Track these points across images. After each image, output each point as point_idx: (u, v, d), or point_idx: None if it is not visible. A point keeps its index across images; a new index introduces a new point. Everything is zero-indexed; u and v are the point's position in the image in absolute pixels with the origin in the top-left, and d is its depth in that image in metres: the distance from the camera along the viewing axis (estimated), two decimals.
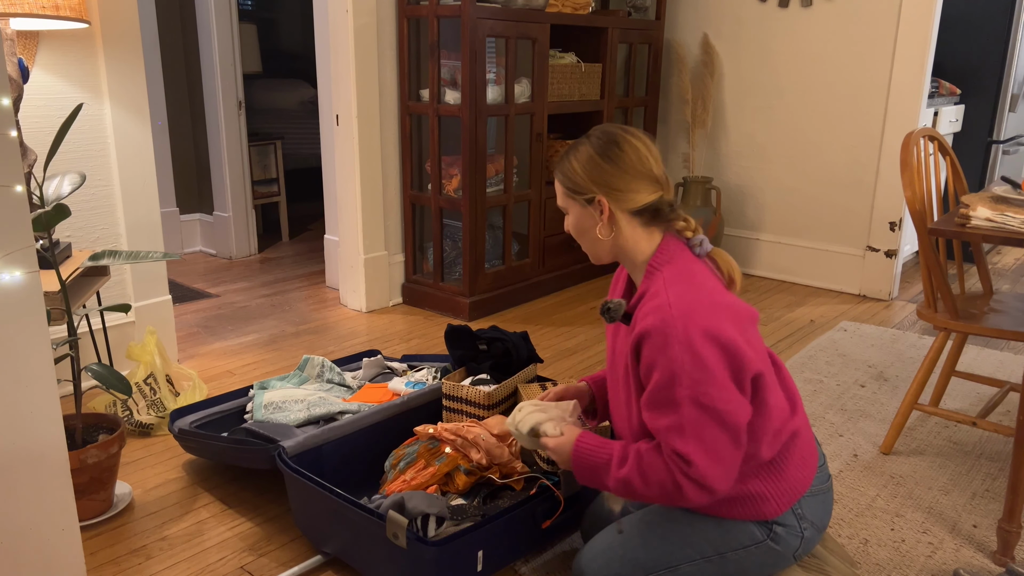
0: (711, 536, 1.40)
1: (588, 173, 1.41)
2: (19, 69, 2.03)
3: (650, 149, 1.42)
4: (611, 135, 1.42)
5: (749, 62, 3.91)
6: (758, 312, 1.43)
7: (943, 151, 2.26)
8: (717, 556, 1.40)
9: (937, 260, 2.02)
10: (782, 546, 1.40)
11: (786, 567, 1.45)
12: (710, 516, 1.41)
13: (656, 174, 1.41)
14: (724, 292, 1.37)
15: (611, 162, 1.40)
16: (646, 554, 1.42)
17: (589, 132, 1.46)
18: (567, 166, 1.44)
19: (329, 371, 2.37)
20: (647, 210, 1.41)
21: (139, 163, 2.57)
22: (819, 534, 1.44)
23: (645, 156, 1.41)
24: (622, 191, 1.40)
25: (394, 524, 1.50)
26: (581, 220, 1.45)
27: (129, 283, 2.63)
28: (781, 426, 1.39)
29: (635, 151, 1.41)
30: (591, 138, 1.43)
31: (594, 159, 1.41)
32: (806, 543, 1.41)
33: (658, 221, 1.42)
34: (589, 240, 1.46)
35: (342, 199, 3.36)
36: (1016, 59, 4.03)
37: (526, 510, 1.66)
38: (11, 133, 1.26)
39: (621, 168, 1.39)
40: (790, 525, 1.40)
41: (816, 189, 3.82)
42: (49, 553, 1.42)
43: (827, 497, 1.46)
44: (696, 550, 1.40)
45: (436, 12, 3.07)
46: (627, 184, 1.40)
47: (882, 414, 2.48)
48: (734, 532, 1.39)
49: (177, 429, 2.07)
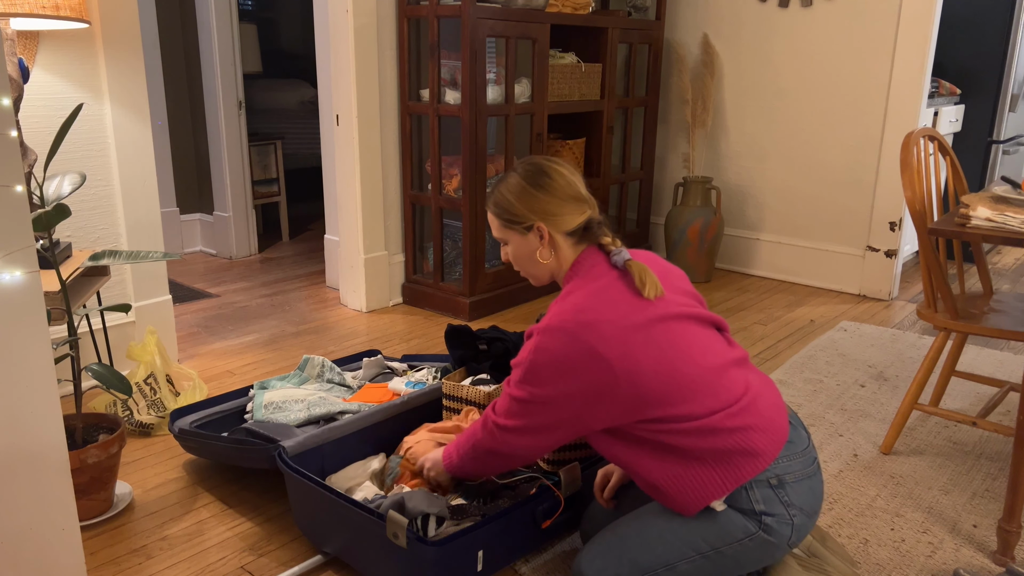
0: (706, 533, 1.42)
1: (523, 203, 1.53)
2: (19, 69, 2.03)
3: (574, 174, 1.56)
4: (537, 165, 1.56)
5: (749, 62, 3.91)
6: (681, 303, 1.47)
7: (943, 151, 2.26)
8: (713, 552, 1.42)
9: (937, 260, 2.02)
10: (775, 536, 1.40)
11: (782, 556, 1.45)
12: (701, 515, 1.42)
13: (583, 195, 1.55)
14: (620, 303, 1.43)
15: (542, 190, 1.52)
16: (644, 554, 1.44)
17: (514, 166, 1.59)
18: (502, 199, 1.56)
19: (329, 371, 2.37)
20: (579, 230, 1.53)
21: (139, 163, 2.57)
22: (810, 519, 1.44)
23: (571, 181, 1.55)
24: (557, 215, 1.52)
25: (394, 524, 1.51)
26: (521, 248, 1.57)
27: (129, 283, 2.63)
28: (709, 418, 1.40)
29: (562, 177, 1.54)
30: (519, 170, 1.57)
31: (527, 189, 1.53)
32: (798, 530, 1.42)
33: (588, 238, 1.54)
34: (531, 265, 1.58)
35: (342, 199, 3.36)
36: (1016, 59, 4.03)
37: (526, 510, 1.66)
38: (11, 133, 1.26)
39: (552, 194, 1.52)
40: (779, 514, 1.40)
41: (816, 189, 3.82)
42: (49, 553, 1.42)
43: (814, 482, 1.45)
44: (692, 547, 1.42)
45: (436, 12, 3.07)
46: (560, 208, 1.52)
47: (882, 414, 2.48)
48: (727, 527, 1.41)
49: (177, 429, 2.07)
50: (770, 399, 1.47)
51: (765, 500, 1.40)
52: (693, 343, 1.44)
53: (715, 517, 1.41)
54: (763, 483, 1.40)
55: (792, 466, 1.42)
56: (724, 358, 1.46)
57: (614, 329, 1.39)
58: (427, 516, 1.58)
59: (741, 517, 1.40)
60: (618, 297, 1.44)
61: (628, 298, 1.44)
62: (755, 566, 1.45)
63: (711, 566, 1.43)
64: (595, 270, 1.50)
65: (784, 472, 1.41)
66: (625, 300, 1.43)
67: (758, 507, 1.39)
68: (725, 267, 4.19)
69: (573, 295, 1.46)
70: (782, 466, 1.41)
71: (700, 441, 1.39)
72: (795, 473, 1.42)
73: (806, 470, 1.44)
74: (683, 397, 1.39)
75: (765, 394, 1.47)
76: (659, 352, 1.40)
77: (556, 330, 1.41)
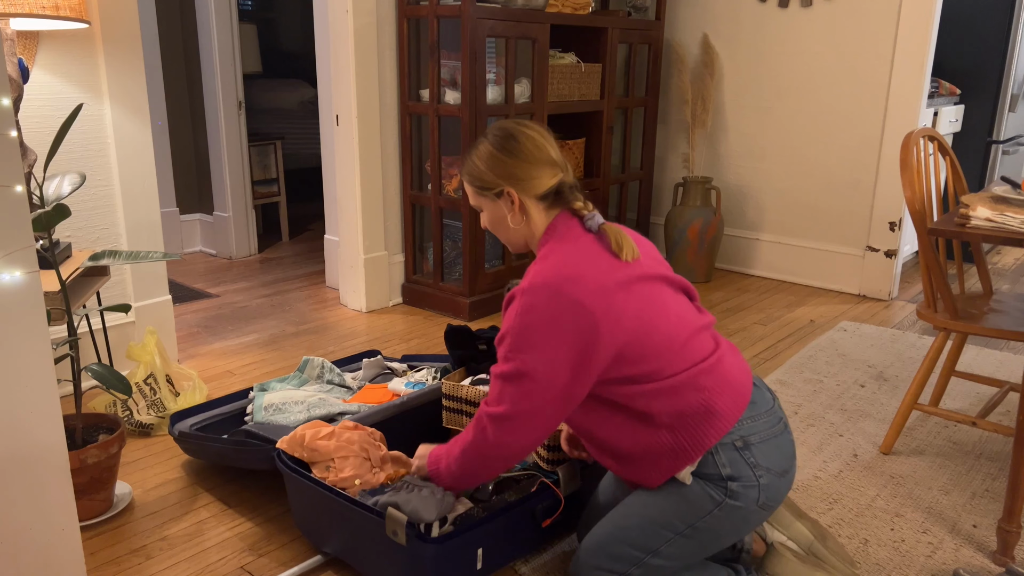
0: (677, 511, 1.44)
1: (492, 169, 1.52)
2: (19, 69, 2.03)
3: (545, 137, 1.54)
4: (507, 130, 1.54)
5: (749, 62, 3.91)
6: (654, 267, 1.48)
7: (943, 151, 2.26)
8: (689, 529, 1.44)
9: (937, 260, 2.02)
10: (742, 500, 1.42)
11: (758, 520, 1.46)
12: (671, 494, 1.45)
13: (554, 158, 1.53)
14: (598, 262, 1.44)
15: (511, 155, 1.51)
16: (629, 546, 1.47)
17: (486, 131, 1.57)
18: (471, 166, 1.56)
19: (329, 372, 2.37)
20: (550, 193, 1.52)
21: (139, 163, 2.57)
22: (781, 478, 1.45)
23: (541, 144, 1.53)
24: (526, 179, 1.51)
25: (393, 522, 1.51)
26: (494, 213, 1.56)
27: (129, 283, 2.63)
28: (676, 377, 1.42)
29: (531, 141, 1.52)
30: (488, 136, 1.55)
31: (495, 155, 1.52)
32: (766, 490, 1.43)
33: (560, 203, 1.53)
34: (504, 230, 1.57)
35: (342, 199, 3.36)
36: (1016, 59, 4.03)
37: (526, 508, 1.66)
38: (11, 133, 1.26)
39: (521, 158, 1.51)
40: (744, 476, 1.41)
41: (816, 189, 3.82)
42: (49, 553, 1.42)
43: (781, 441, 1.46)
44: (670, 529, 1.45)
45: (436, 12, 3.07)
46: (528, 172, 1.51)
47: (882, 414, 2.48)
48: (696, 501, 1.43)
49: (177, 432, 2.08)
50: (735, 362, 1.49)
51: (731, 463, 1.41)
52: (668, 304, 1.46)
53: (683, 494, 1.43)
54: (728, 446, 1.42)
55: (756, 427, 1.44)
56: (695, 323, 1.49)
57: (596, 284, 1.40)
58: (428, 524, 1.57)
59: (707, 488, 1.42)
60: (596, 257, 1.45)
61: (607, 258, 1.45)
62: (735, 534, 1.47)
63: (692, 543, 1.45)
64: (570, 233, 1.49)
65: (749, 433, 1.43)
66: (604, 259, 1.45)
67: (724, 471, 1.41)
68: (725, 267, 4.19)
69: (551, 256, 1.46)
70: (746, 427, 1.43)
71: (666, 403, 1.41)
72: (760, 433, 1.44)
73: (772, 430, 1.45)
74: (657, 354, 1.41)
75: (729, 357, 1.49)
76: (638, 309, 1.42)
77: (539, 288, 1.40)
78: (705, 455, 1.42)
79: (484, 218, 1.59)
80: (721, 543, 1.47)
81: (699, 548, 1.46)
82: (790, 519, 1.69)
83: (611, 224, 1.51)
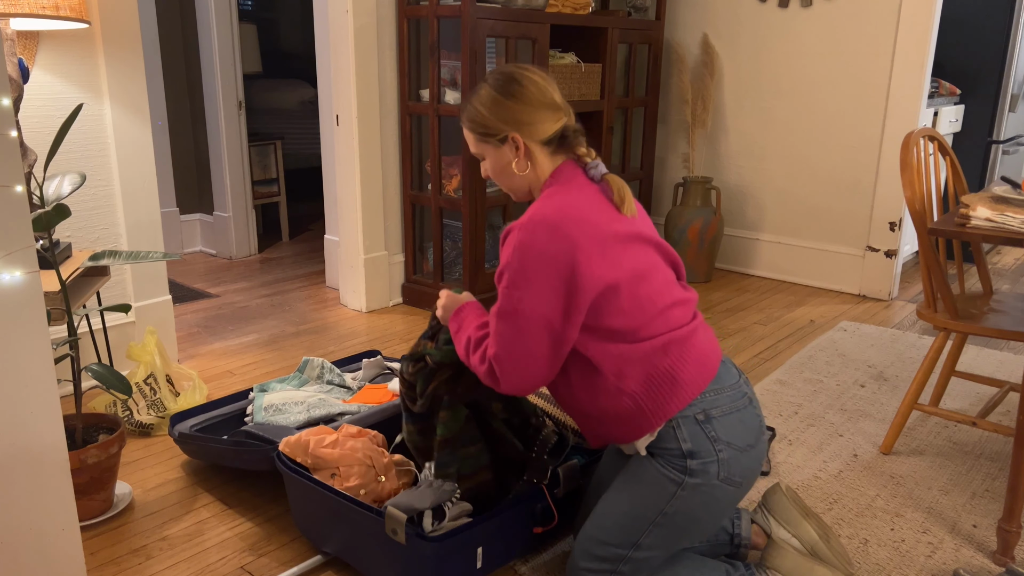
0: (645, 502, 1.45)
1: (495, 114, 1.49)
2: (19, 69, 2.03)
3: (547, 80, 1.51)
4: (509, 74, 1.51)
5: (749, 62, 3.91)
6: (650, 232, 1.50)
7: (943, 151, 2.26)
8: (661, 516, 1.45)
9: (937, 260, 2.02)
10: (702, 477, 1.42)
11: (730, 498, 1.46)
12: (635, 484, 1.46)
13: (558, 102, 1.51)
14: (600, 211, 1.44)
15: (514, 99, 1.48)
16: (610, 545, 1.48)
17: (485, 76, 1.53)
18: (473, 112, 1.52)
19: (329, 372, 2.37)
20: (555, 138, 1.50)
21: (139, 163, 2.57)
22: (743, 453, 1.44)
23: (544, 87, 1.50)
24: (531, 124, 1.49)
25: (393, 520, 1.51)
26: (497, 161, 1.53)
27: (129, 283, 2.63)
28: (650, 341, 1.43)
29: (534, 84, 1.50)
30: (489, 80, 1.52)
31: (498, 99, 1.49)
32: (726, 465, 1.43)
33: (564, 147, 1.51)
34: (507, 178, 1.54)
35: (342, 199, 3.36)
36: (1016, 59, 4.03)
37: (526, 508, 1.66)
38: (11, 133, 1.26)
39: (524, 102, 1.48)
40: (703, 451, 1.41)
41: (816, 189, 3.82)
42: (49, 553, 1.42)
43: (744, 415, 1.46)
44: (644, 520, 1.46)
45: (436, 12, 3.07)
46: (533, 116, 1.48)
47: (882, 414, 2.48)
48: (657, 489, 1.44)
49: (177, 433, 2.08)
50: (706, 337, 1.50)
51: (692, 437, 1.42)
52: (657, 269, 1.48)
53: (645, 482, 1.45)
54: (690, 419, 1.42)
55: (719, 400, 1.44)
56: (678, 295, 1.50)
57: (596, 230, 1.41)
58: (421, 512, 1.58)
59: (664, 471, 1.43)
60: (598, 205, 1.45)
61: (608, 208, 1.46)
62: (711, 515, 1.47)
63: (669, 531, 1.45)
64: (575, 180, 1.49)
65: (710, 407, 1.43)
66: (605, 209, 1.45)
67: (685, 446, 1.42)
68: (725, 267, 4.19)
69: (554, 197, 1.45)
70: (708, 400, 1.44)
71: (636, 368, 1.42)
72: (722, 407, 1.44)
73: (734, 404, 1.46)
74: (639, 309, 1.42)
75: (702, 333, 1.50)
76: (631, 264, 1.42)
77: (539, 223, 1.39)
78: (666, 428, 1.43)
79: (486, 166, 1.56)
80: (702, 527, 1.47)
81: (679, 533, 1.47)
82: (798, 519, 1.68)
83: (614, 176, 1.51)
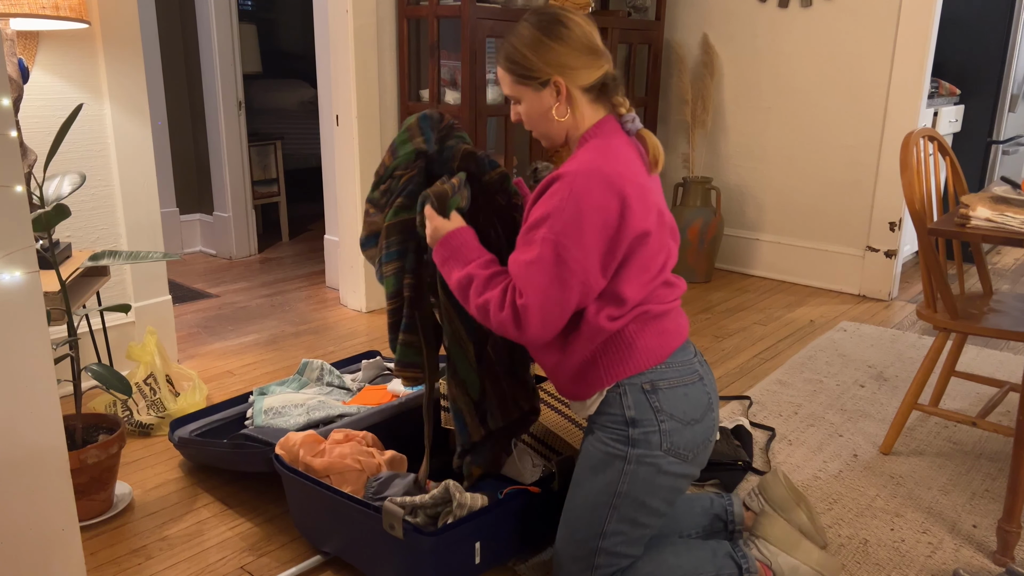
0: (599, 487, 1.47)
1: (539, 55, 1.43)
2: (19, 69, 2.03)
3: (590, 24, 1.47)
4: (553, 15, 1.46)
5: (749, 62, 3.91)
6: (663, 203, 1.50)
7: (943, 151, 2.26)
8: (616, 498, 1.46)
9: (937, 260, 2.02)
10: (645, 447, 1.44)
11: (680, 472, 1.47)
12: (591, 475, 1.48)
13: (600, 48, 1.47)
14: (638, 169, 1.44)
15: (560, 41, 1.43)
16: (580, 542, 1.50)
17: (523, 17, 1.49)
18: (514, 52, 1.46)
19: (328, 374, 2.37)
20: (596, 85, 1.47)
21: (139, 163, 2.57)
22: (687, 427, 1.46)
23: (588, 31, 1.46)
24: (576, 68, 1.44)
25: (390, 515, 1.50)
26: (536, 104, 1.47)
27: (129, 283, 2.63)
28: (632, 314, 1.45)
29: (579, 26, 1.45)
30: (532, 21, 1.46)
31: (543, 41, 1.43)
32: (668, 436, 1.45)
33: (604, 96, 1.48)
34: (546, 123, 1.49)
35: (342, 199, 3.36)
36: (1016, 59, 4.03)
37: (524, 503, 1.66)
38: (11, 133, 1.26)
39: (570, 46, 1.44)
40: (644, 420, 1.44)
41: (816, 189, 3.82)
42: (49, 553, 1.42)
43: (691, 390, 1.48)
44: (601, 504, 1.47)
45: (436, 12, 3.07)
46: (578, 61, 1.44)
47: (882, 414, 2.48)
48: (607, 470, 1.46)
49: (177, 438, 2.08)
50: (679, 322, 1.52)
51: (636, 405, 1.44)
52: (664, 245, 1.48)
53: (594, 467, 1.47)
54: (636, 387, 1.45)
55: (668, 373, 1.47)
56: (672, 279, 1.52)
57: (641, 191, 1.40)
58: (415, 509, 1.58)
59: (608, 446, 1.45)
60: (639, 167, 1.45)
61: (645, 171, 1.46)
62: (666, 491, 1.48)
63: (625, 512, 1.47)
64: (617, 136, 1.46)
65: (659, 378, 1.46)
66: (643, 172, 1.45)
67: (628, 413, 1.44)
68: (725, 267, 4.19)
69: (599, 148, 1.42)
70: (658, 372, 1.46)
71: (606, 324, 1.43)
72: (670, 380, 1.47)
73: (682, 379, 1.48)
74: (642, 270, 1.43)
75: (676, 316, 1.51)
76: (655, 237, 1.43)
77: (595, 174, 1.36)
78: (613, 393, 1.45)
79: (521, 110, 1.50)
80: (660, 501, 1.48)
81: (637, 510, 1.47)
82: (791, 504, 1.71)
83: (649, 133, 1.50)
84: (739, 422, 2.30)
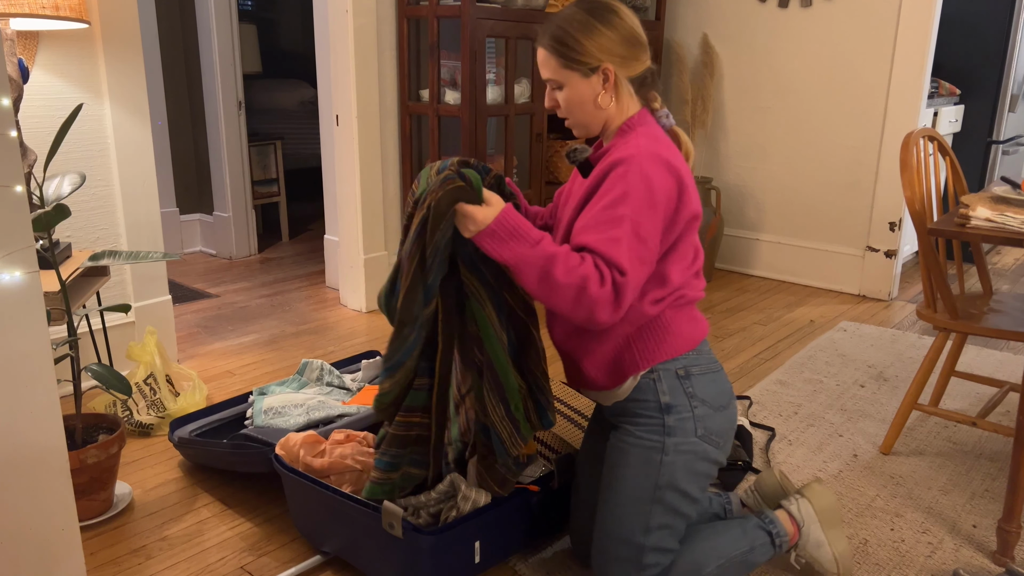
0: (639, 483, 1.47)
1: (593, 41, 1.40)
2: (19, 69, 2.03)
3: (635, 15, 1.47)
4: (602, 1, 1.44)
5: (749, 62, 3.91)
6: None
7: (943, 151, 2.26)
8: (657, 490, 1.46)
9: (937, 260, 2.02)
10: (681, 435, 1.46)
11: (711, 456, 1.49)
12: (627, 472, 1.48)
13: (645, 40, 1.47)
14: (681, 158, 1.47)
15: (612, 27, 1.41)
16: (626, 538, 1.48)
17: (572, 2, 1.46)
18: (564, 35, 1.41)
19: (328, 374, 2.37)
20: (640, 77, 1.47)
21: (139, 163, 2.57)
22: (717, 412, 1.49)
23: (636, 22, 1.46)
24: (627, 58, 1.44)
25: (390, 514, 1.50)
26: (580, 91, 1.44)
27: (129, 283, 2.63)
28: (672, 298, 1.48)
29: (628, 16, 1.45)
30: (582, 6, 1.43)
31: (596, 27, 1.40)
32: (702, 421, 1.47)
33: (643, 89, 1.48)
34: (587, 111, 1.46)
35: (342, 199, 3.36)
36: (1016, 59, 4.03)
37: (524, 501, 1.66)
38: (11, 133, 1.26)
39: (622, 34, 1.43)
40: (679, 406, 1.46)
41: (816, 189, 3.82)
42: (49, 553, 1.42)
43: (718, 377, 1.52)
44: (644, 500, 1.46)
45: (436, 12, 3.07)
46: (627, 50, 1.44)
47: (882, 414, 2.48)
48: (644, 465, 1.46)
49: (176, 438, 2.08)
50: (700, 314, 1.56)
51: (671, 391, 1.46)
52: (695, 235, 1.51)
53: (629, 464, 1.47)
54: (671, 373, 1.47)
55: (699, 360, 1.50)
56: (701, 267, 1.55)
57: (690, 179, 1.44)
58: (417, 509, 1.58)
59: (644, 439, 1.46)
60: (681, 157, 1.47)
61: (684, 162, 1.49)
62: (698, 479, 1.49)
63: (672, 503, 1.47)
64: (656, 127, 1.48)
65: (691, 364, 1.49)
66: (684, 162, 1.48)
67: (664, 399, 1.46)
68: (725, 267, 4.19)
69: (648, 136, 1.43)
70: (690, 359, 1.49)
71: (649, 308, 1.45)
72: (701, 367, 1.50)
73: (711, 365, 1.52)
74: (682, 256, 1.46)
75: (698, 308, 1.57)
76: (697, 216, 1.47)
77: (655, 158, 1.37)
78: (646, 379, 1.46)
79: (561, 96, 1.45)
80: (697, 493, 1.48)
81: (680, 501, 1.47)
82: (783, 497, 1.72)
83: (681, 131, 1.53)
84: (739, 422, 2.30)
